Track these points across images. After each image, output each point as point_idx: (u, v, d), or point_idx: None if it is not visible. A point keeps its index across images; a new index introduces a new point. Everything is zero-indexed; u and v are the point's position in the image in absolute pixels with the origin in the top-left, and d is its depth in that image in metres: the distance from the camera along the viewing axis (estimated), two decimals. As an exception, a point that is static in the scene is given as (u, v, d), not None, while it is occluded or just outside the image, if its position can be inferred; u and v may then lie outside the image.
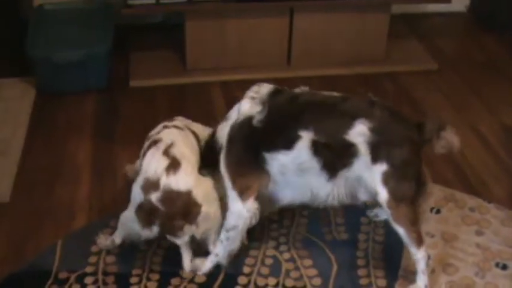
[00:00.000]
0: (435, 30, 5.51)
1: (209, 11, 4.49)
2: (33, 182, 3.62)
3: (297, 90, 2.99)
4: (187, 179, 2.87)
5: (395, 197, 2.81)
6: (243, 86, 4.40)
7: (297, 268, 3.12)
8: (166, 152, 2.92)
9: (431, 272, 3.10)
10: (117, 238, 3.12)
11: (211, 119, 4.09)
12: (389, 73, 4.78)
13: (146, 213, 2.88)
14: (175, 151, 2.94)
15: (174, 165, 2.87)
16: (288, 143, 2.82)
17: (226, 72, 4.64)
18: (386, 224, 3.28)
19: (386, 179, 2.79)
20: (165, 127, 3.16)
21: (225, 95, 4.43)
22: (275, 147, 2.85)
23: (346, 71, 4.74)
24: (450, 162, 3.87)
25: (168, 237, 2.96)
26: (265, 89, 2.98)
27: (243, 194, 2.92)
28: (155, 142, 3.03)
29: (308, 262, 3.15)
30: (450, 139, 2.85)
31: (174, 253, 3.11)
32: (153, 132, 3.18)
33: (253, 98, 2.94)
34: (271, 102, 2.88)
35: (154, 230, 2.92)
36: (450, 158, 3.88)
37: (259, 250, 3.20)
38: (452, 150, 2.89)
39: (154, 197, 2.84)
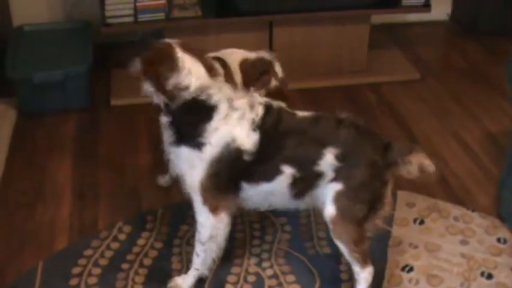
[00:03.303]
0: (416, 39, 5.52)
1: (188, 28, 4.48)
2: (14, 204, 3.59)
3: (275, 104, 2.91)
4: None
5: (344, 216, 2.78)
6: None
7: (280, 284, 3.10)
8: None
9: (415, 284, 3.09)
10: None
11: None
12: (371, 84, 4.78)
13: None
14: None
15: None
16: (270, 176, 2.82)
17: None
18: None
19: (338, 197, 2.77)
20: None
21: (206, 111, 4.41)
22: (257, 180, 2.85)
23: (328, 83, 4.74)
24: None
25: None
26: (261, 108, 2.84)
27: (214, 211, 2.90)
28: None
29: (291, 278, 3.13)
30: (418, 164, 2.79)
31: (157, 272, 3.10)
32: None
33: (253, 121, 2.80)
34: (262, 129, 2.78)
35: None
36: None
37: (241, 267, 3.17)
38: (425, 175, 2.83)
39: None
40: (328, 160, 2.74)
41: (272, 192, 2.87)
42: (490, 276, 3.16)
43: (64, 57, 4.46)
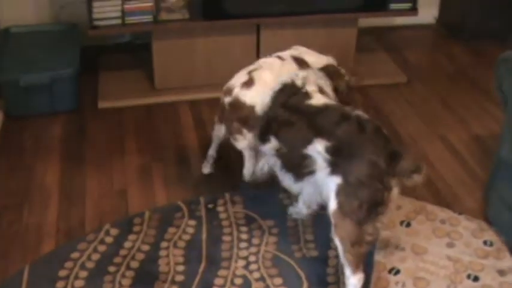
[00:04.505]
0: (404, 42, 5.53)
1: (176, 30, 4.48)
2: (0, 206, 3.58)
3: (298, 78, 3.17)
4: (254, 96, 3.32)
5: (342, 210, 2.83)
6: (212, 105, 4.45)
7: (267, 287, 3.09)
8: (250, 73, 3.43)
9: (402, 287, 3.09)
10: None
11: (180, 139, 4.12)
12: (359, 87, 4.77)
13: (220, 111, 3.50)
14: (256, 74, 3.41)
15: (249, 83, 3.37)
16: (263, 141, 3.16)
17: (195, 91, 4.63)
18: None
19: (338, 192, 2.83)
20: (270, 55, 3.64)
21: (193, 114, 4.42)
22: (261, 141, 3.20)
23: (315, 87, 4.71)
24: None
25: (231, 139, 3.47)
26: (279, 85, 3.21)
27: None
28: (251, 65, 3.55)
29: (278, 281, 3.13)
30: (419, 181, 2.86)
31: (144, 275, 3.09)
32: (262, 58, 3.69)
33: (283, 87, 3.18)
34: (273, 101, 3.17)
35: (223, 129, 3.54)
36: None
37: (229, 270, 3.17)
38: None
39: (227, 100, 3.41)
40: (316, 148, 2.88)
41: (269, 157, 3.23)
42: (476, 279, 3.17)
43: (51, 60, 4.44)
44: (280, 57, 3.57)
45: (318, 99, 3.06)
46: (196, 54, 4.59)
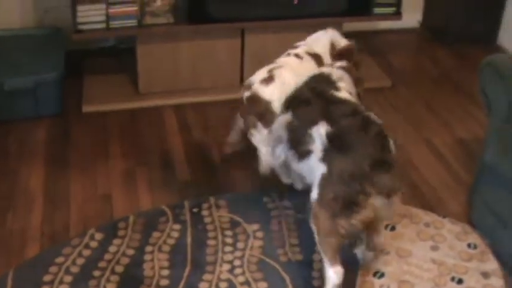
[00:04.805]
0: (388, 46, 5.55)
1: (161, 34, 4.48)
2: (-16, 211, 3.57)
3: (335, 74, 3.34)
4: (272, 93, 3.40)
5: (320, 201, 2.90)
6: (197, 109, 4.44)
7: (252, 291, 3.10)
8: (270, 70, 3.52)
9: (387, 290, 3.11)
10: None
11: (164, 143, 4.11)
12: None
13: (243, 106, 3.53)
14: (277, 72, 3.50)
15: (269, 79, 3.46)
16: (283, 112, 3.29)
17: (179, 95, 4.62)
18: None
19: (322, 181, 2.92)
20: (288, 54, 3.71)
21: (178, 118, 4.41)
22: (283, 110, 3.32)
23: (300, 90, 4.72)
24: (405, 178, 3.88)
25: (247, 134, 3.52)
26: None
27: None
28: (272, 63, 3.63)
29: (263, 285, 3.13)
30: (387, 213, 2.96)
31: (129, 279, 3.09)
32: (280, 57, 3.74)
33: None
34: (305, 84, 3.31)
35: (241, 122, 3.57)
36: (405, 174, 3.91)
37: (214, 274, 3.17)
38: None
39: (246, 94, 3.48)
40: (319, 130, 2.98)
41: (277, 129, 3.32)
42: (460, 281, 3.18)
43: (35, 64, 4.42)
44: (297, 56, 3.66)
45: (343, 94, 3.20)
46: (180, 58, 4.59)
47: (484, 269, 3.26)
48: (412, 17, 5.74)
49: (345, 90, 3.24)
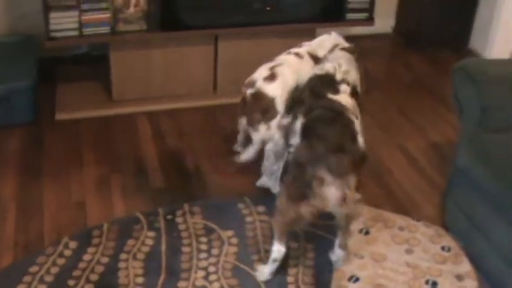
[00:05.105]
0: (361, 52, 5.54)
1: (134, 41, 4.47)
2: (-44, 221, 3.54)
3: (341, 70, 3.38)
4: (276, 90, 3.46)
5: (283, 183, 3.12)
6: (170, 115, 4.43)
7: (227, 297, 3.10)
8: (272, 68, 3.57)
9: (362, 294, 3.12)
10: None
11: (138, 150, 4.10)
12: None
13: (243, 103, 3.53)
14: (279, 69, 3.56)
15: (271, 77, 3.51)
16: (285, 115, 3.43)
17: (153, 102, 4.61)
18: (315, 248, 3.31)
19: (288, 167, 3.15)
20: (288, 53, 3.76)
21: (151, 125, 4.40)
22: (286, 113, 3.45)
23: (273, 96, 4.73)
24: (379, 182, 3.91)
25: (249, 130, 3.53)
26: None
27: None
28: (272, 61, 3.69)
29: (238, 290, 3.13)
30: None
31: (103, 287, 3.08)
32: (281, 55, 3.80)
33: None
34: (308, 82, 3.41)
35: (244, 121, 3.56)
36: (379, 179, 3.93)
37: (188, 281, 3.16)
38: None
39: (249, 91, 3.49)
40: (298, 123, 3.15)
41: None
42: (434, 284, 3.20)
43: (8, 72, 4.38)
44: (298, 55, 3.72)
45: (339, 97, 3.22)
46: (154, 65, 4.58)
47: (458, 271, 3.28)
48: (385, 22, 5.78)
49: (346, 93, 3.27)
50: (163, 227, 3.48)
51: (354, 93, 3.32)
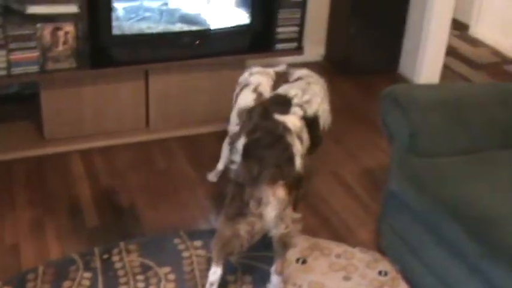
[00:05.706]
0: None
1: (64, 80, 4.42)
2: None
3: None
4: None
5: (225, 203, 3.12)
6: (103, 153, 4.39)
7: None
8: (255, 90, 3.79)
9: (301, 324, 3.12)
10: (220, 165, 4.04)
11: (72, 189, 4.05)
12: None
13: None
14: (262, 89, 3.79)
15: (258, 97, 3.71)
16: None
17: (85, 140, 4.56)
18: (252, 280, 3.32)
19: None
20: (251, 74, 3.96)
21: (84, 163, 4.35)
22: None
23: (206, 129, 4.76)
24: (314, 211, 3.93)
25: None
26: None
27: None
28: (246, 85, 3.89)
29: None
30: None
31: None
32: (241, 79, 4.01)
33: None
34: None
35: (227, 151, 3.78)
36: (314, 207, 3.95)
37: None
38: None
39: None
40: (239, 144, 3.12)
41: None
42: (373, 310, 3.23)
43: None
44: (259, 73, 3.97)
45: (286, 118, 3.24)
46: (84, 102, 4.54)
47: (395, 295, 3.33)
48: (315, 51, 5.85)
49: (297, 118, 3.33)
50: (99, 266, 3.44)
51: (311, 123, 3.45)
